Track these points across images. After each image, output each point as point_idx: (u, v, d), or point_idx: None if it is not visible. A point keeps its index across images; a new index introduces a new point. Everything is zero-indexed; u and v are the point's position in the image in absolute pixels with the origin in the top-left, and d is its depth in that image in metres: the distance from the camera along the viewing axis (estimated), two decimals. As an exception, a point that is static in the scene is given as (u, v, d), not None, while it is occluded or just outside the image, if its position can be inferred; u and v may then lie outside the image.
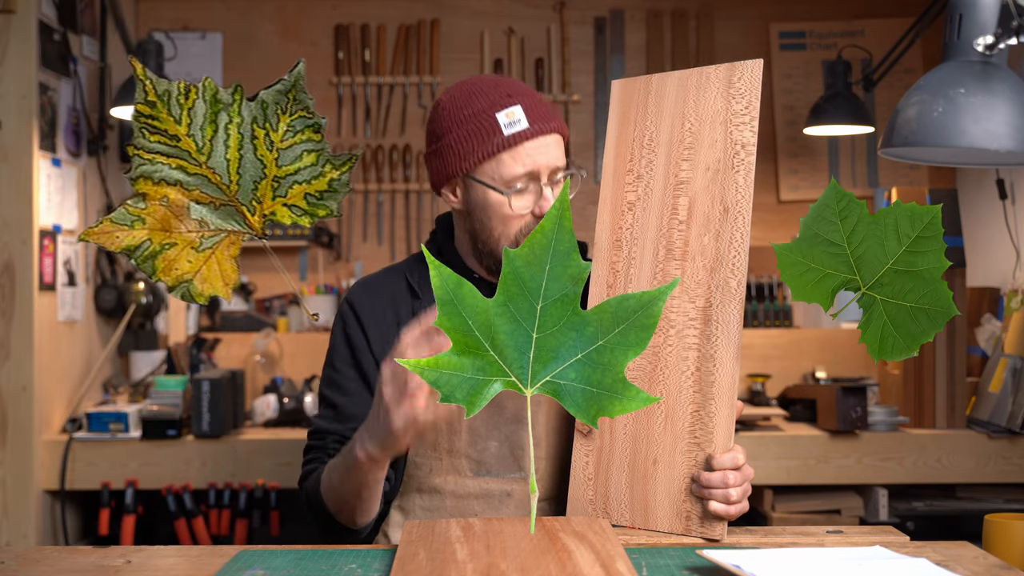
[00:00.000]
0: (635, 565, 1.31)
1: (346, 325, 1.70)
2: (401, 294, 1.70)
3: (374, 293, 1.71)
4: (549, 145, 1.62)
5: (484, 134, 1.61)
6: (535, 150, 1.61)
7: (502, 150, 1.60)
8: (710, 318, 1.50)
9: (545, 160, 1.61)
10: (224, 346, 3.46)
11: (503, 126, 1.61)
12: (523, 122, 1.61)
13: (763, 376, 3.42)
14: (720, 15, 3.75)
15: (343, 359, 1.70)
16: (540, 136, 1.61)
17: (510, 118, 1.61)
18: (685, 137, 1.56)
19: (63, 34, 3.04)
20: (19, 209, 2.87)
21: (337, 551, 1.47)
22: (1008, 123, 1.55)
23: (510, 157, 1.61)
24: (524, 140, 1.60)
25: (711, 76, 1.55)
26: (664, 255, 1.55)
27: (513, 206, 1.61)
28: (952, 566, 1.32)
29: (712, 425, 1.47)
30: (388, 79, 3.72)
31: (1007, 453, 2.80)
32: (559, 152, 1.64)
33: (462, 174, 1.65)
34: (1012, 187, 3.13)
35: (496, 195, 1.62)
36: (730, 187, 1.54)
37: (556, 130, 1.63)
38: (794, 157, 3.74)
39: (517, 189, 1.61)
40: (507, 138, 1.60)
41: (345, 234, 3.71)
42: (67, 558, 1.46)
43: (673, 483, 1.49)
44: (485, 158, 1.61)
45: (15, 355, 2.86)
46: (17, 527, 2.85)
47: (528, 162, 1.61)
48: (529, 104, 1.63)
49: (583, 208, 3.73)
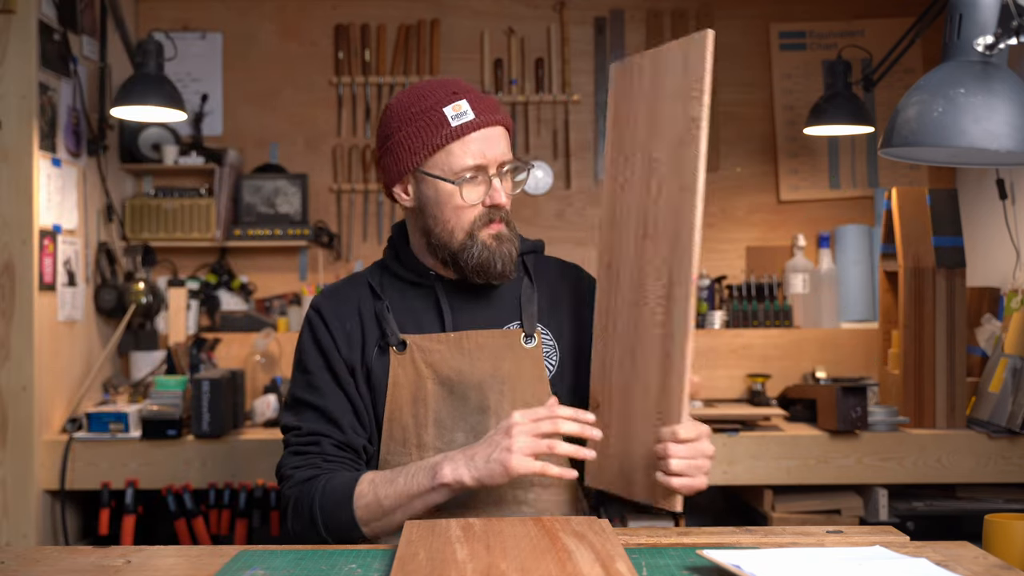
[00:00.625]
0: (635, 565, 1.31)
1: (314, 330, 1.73)
2: (364, 297, 1.74)
3: (338, 300, 1.75)
4: (496, 137, 1.67)
5: (432, 128, 1.65)
6: (483, 141, 1.65)
7: (450, 141, 1.64)
8: (671, 295, 1.53)
9: (493, 152, 1.66)
10: (224, 346, 3.46)
11: (450, 118, 1.65)
12: (469, 114, 1.65)
13: (763, 376, 3.42)
14: (720, 15, 3.75)
15: (316, 363, 1.72)
16: (486, 127, 1.66)
17: (457, 111, 1.65)
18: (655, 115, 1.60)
19: (63, 34, 3.04)
20: (19, 209, 2.87)
21: (337, 551, 1.47)
22: (1008, 123, 1.55)
23: (459, 148, 1.65)
24: (471, 131, 1.64)
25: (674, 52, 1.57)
26: (642, 234, 1.60)
27: (464, 196, 1.65)
28: (952, 566, 1.32)
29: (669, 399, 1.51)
30: (388, 79, 3.72)
31: (1007, 453, 2.80)
32: (506, 145, 1.68)
33: (412, 169, 1.68)
34: (1012, 187, 3.13)
35: (447, 186, 1.65)
36: (686, 163, 1.56)
37: (501, 123, 1.68)
38: (794, 157, 3.74)
39: (467, 179, 1.65)
40: (454, 129, 1.64)
41: (345, 234, 3.71)
42: (67, 558, 1.46)
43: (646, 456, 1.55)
44: (434, 150, 1.65)
45: (15, 355, 2.85)
46: (17, 527, 2.85)
47: (476, 153, 1.64)
48: (474, 98, 1.68)
49: (583, 208, 3.73)
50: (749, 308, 3.53)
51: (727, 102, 3.74)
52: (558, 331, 1.74)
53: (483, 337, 1.69)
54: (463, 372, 1.67)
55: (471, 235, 1.66)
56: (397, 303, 1.73)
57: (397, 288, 1.75)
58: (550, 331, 1.73)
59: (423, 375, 1.67)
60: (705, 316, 3.56)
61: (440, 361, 1.67)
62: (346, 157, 3.72)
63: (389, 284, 1.76)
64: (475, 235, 1.66)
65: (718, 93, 3.73)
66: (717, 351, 3.51)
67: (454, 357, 1.67)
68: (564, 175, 3.72)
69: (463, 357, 1.67)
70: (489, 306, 1.73)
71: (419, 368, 1.67)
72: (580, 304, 1.77)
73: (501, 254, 1.66)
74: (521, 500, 1.66)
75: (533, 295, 1.74)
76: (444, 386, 1.67)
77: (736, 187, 3.74)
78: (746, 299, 3.55)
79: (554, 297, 1.77)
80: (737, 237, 3.74)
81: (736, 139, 3.75)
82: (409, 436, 1.67)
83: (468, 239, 1.66)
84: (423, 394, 1.67)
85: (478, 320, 1.72)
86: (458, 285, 1.73)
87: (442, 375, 1.67)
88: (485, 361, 1.67)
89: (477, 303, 1.73)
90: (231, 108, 3.72)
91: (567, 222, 3.70)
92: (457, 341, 1.68)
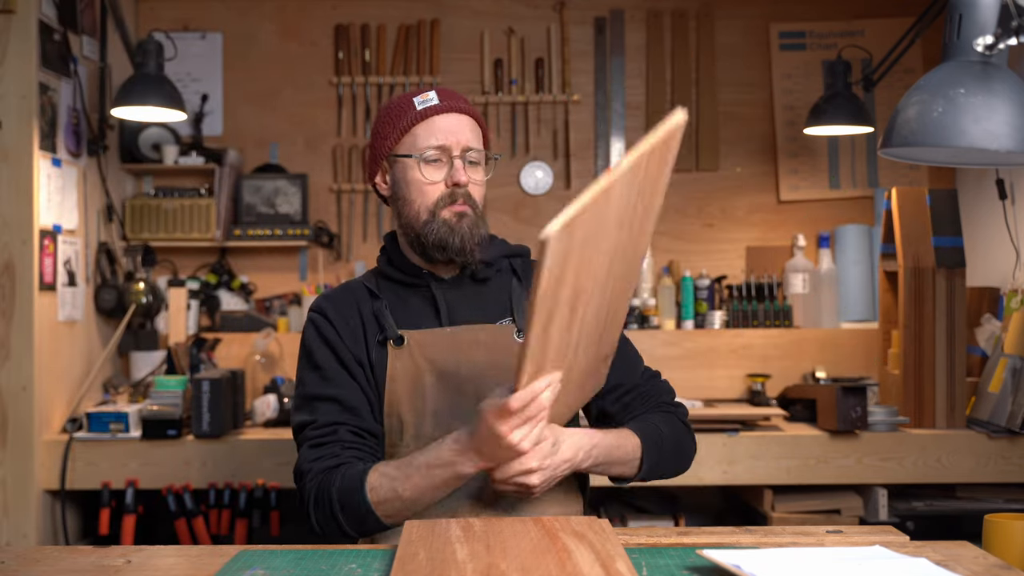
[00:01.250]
0: (635, 565, 1.31)
1: (319, 327, 1.76)
2: (363, 299, 1.78)
3: (338, 300, 1.79)
4: (461, 124, 1.73)
5: (401, 114, 1.75)
6: (446, 125, 1.72)
7: (415, 123, 1.73)
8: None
9: (456, 137, 1.72)
10: (224, 346, 3.46)
11: (416, 104, 1.75)
12: (434, 100, 1.74)
13: (763, 376, 3.42)
14: (720, 15, 3.75)
15: (325, 358, 1.74)
16: (451, 112, 1.73)
17: (424, 99, 1.75)
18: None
19: (63, 34, 3.04)
20: (19, 209, 2.87)
21: (337, 551, 1.47)
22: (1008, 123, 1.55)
23: (423, 129, 1.73)
24: (434, 114, 1.73)
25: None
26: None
27: (425, 173, 1.72)
28: (952, 566, 1.32)
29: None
30: (388, 79, 3.72)
31: (1007, 453, 2.80)
32: (472, 135, 1.74)
33: (385, 155, 1.77)
34: (1012, 187, 3.13)
35: (412, 164, 1.73)
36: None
37: (467, 112, 1.75)
38: (794, 157, 3.74)
39: (430, 158, 1.72)
40: (419, 112, 1.73)
41: (345, 234, 3.71)
42: (67, 558, 1.46)
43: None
44: (402, 134, 1.74)
45: (15, 355, 2.86)
46: (17, 527, 2.85)
47: (439, 135, 1.72)
48: (444, 92, 1.76)
49: (583, 208, 3.73)
50: (749, 308, 3.53)
51: (727, 102, 3.74)
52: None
53: (478, 331, 1.73)
54: (460, 365, 1.70)
55: (433, 213, 1.71)
56: (394, 303, 1.77)
57: (393, 290, 1.79)
58: None
59: (421, 368, 1.70)
60: (705, 316, 3.56)
61: (437, 355, 1.70)
62: (346, 157, 3.72)
63: (385, 287, 1.80)
64: (437, 213, 1.71)
65: (719, 93, 3.73)
66: (717, 351, 3.51)
67: (451, 350, 1.71)
68: (564, 175, 3.72)
69: (460, 350, 1.71)
70: (482, 303, 1.77)
71: (417, 362, 1.70)
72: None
73: (460, 231, 1.71)
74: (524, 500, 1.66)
75: (523, 293, 1.79)
76: (442, 379, 1.70)
77: (736, 187, 3.74)
78: (746, 299, 3.55)
79: None
80: (737, 237, 3.74)
81: (736, 139, 3.75)
82: (408, 428, 1.69)
83: (430, 217, 1.71)
84: (421, 387, 1.69)
85: (472, 316, 1.75)
86: (451, 283, 1.78)
87: (440, 368, 1.70)
88: (482, 354, 1.71)
89: (470, 300, 1.77)
90: (231, 108, 3.72)
91: (567, 222, 3.70)
92: (453, 335, 1.72)
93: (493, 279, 1.81)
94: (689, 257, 3.71)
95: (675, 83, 3.74)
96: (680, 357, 3.51)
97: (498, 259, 1.82)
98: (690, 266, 3.66)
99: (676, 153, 1.44)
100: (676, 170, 4.11)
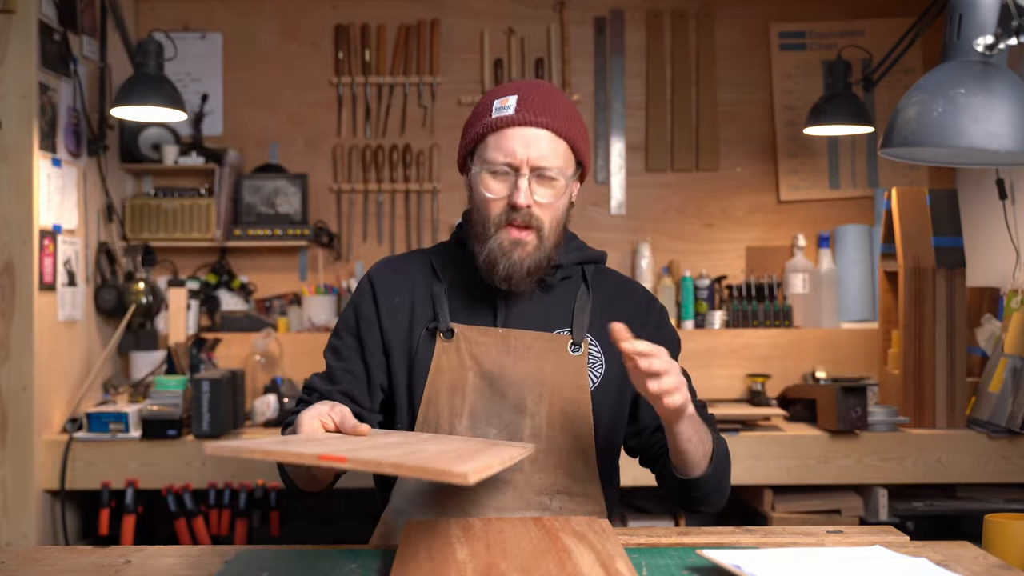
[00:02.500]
0: (635, 565, 1.31)
1: (360, 297, 1.75)
2: (423, 275, 1.74)
3: (395, 271, 1.76)
4: (536, 138, 1.63)
5: (480, 117, 1.68)
6: (518, 139, 1.62)
7: (488, 133, 1.65)
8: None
9: (526, 152, 1.62)
10: (224, 346, 3.46)
11: (494, 110, 1.65)
12: (511, 109, 1.64)
13: (763, 376, 3.42)
14: (720, 15, 3.75)
15: (347, 327, 1.75)
16: (525, 127, 1.62)
17: (503, 104, 1.65)
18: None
19: (63, 34, 3.04)
20: (19, 209, 2.87)
21: (337, 551, 1.47)
22: (1008, 123, 1.55)
23: (494, 140, 1.64)
24: (506, 126, 1.63)
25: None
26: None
27: (489, 186, 1.64)
28: (952, 566, 1.32)
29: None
30: (388, 79, 3.72)
31: (1007, 453, 2.80)
32: (549, 150, 1.63)
33: (464, 154, 1.71)
34: (1012, 187, 3.13)
35: (478, 174, 1.66)
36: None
37: (547, 126, 1.63)
38: (794, 157, 3.74)
39: (495, 172, 1.64)
40: (493, 121, 1.64)
41: (345, 234, 3.71)
42: (67, 558, 1.46)
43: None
44: (476, 139, 1.67)
45: (15, 355, 2.85)
46: (17, 527, 2.85)
47: (508, 148, 1.62)
48: (526, 96, 1.65)
49: (583, 208, 3.73)
50: (749, 308, 3.53)
51: (727, 102, 3.74)
52: (608, 344, 1.68)
53: (530, 338, 1.67)
54: (505, 368, 1.66)
55: (491, 231, 1.65)
56: (455, 288, 1.73)
57: (457, 274, 1.74)
58: (599, 343, 1.70)
59: (466, 365, 1.66)
60: (705, 316, 3.56)
61: (484, 354, 1.67)
62: (346, 157, 3.72)
63: (450, 268, 1.75)
64: (494, 232, 1.64)
65: (719, 93, 3.73)
66: (717, 351, 3.51)
67: (499, 353, 1.67)
68: (564, 175, 3.72)
69: (508, 354, 1.67)
70: (543, 308, 1.71)
71: (463, 358, 1.67)
72: (633, 321, 1.71)
73: (510, 260, 1.63)
74: (545, 507, 1.65)
75: (587, 304, 1.72)
76: (484, 379, 1.66)
77: (736, 187, 3.74)
78: (746, 299, 3.55)
79: (609, 310, 1.73)
80: (737, 237, 3.74)
81: (736, 139, 3.75)
82: (443, 423, 1.66)
83: (488, 233, 1.65)
84: (463, 384, 1.66)
85: (530, 320, 1.70)
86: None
87: (484, 368, 1.66)
88: (529, 362, 1.66)
89: (531, 302, 1.71)
90: (231, 108, 3.72)
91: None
92: (504, 337, 1.67)
93: (560, 286, 1.74)
94: (689, 257, 3.71)
95: (675, 83, 3.73)
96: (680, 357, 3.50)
97: (570, 266, 1.74)
98: (690, 266, 3.66)
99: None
100: (676, 170, 4.11)
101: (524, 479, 1.63)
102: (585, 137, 1.70)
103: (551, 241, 1.67)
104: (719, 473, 1.65)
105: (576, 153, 1.68)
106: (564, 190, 1.66)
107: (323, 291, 3.59)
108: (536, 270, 1.66)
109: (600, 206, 3.74)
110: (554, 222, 1.66)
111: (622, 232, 3.72)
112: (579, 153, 1.68)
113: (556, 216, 1.66)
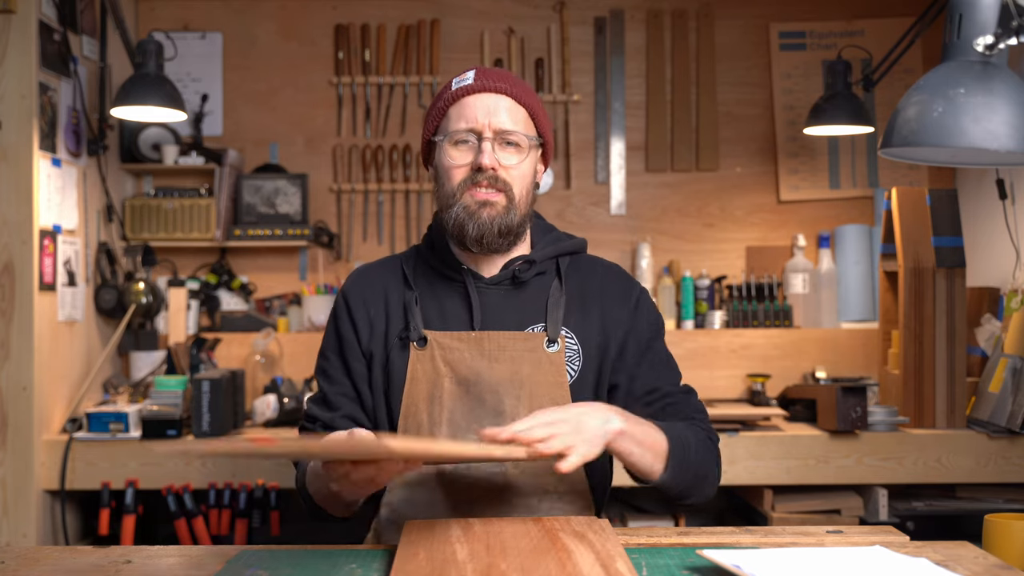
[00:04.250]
0: (635, 565, 1.31)
1: (338, 318, 1.75)
2: (395, 284, 1.74)
3: (367, 283, 1.76)
4: (497, 105, 1.65)
5: (439, 97, 1.70)
6: (479, 105, 1.65)
7: (449, 105, 1.67)
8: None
9: (487, 117, 1.64)
10: (224, 346, 3.46)
11: (453, 84, 1.69)
12: (469, 79, 1.67)
13: (763, 376, 3.42)
14: (720, 15, 3.75)
15: (332, 348, 1.75)
16: (485, 93, 1.65)
17: (461, 78, 1.68)
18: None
19: (63, 34, 3.04)
20: (19, 209, 2.87)
21: (337, 551, 1.47)
22: (1008, 123, 1.55)
23: (455, 111, 1.67)
24: (466, 95, 1.66)
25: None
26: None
27: (452, 155, 1.66)
28: (952, 566, 1.32)
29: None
30: (388, 79, 3.72)
31: (1007, 453, 2.80)
32: (510, 116, 1.65)
33: (427, 138, 1.72)
34: (1012, 187, 3.13)
35: (443, 146, 1.67)
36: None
37: (506, 92, 1.66)
38: (794, 157, 3.74)
39: (458, 139, 1.65)
40: (454, 93, 1.67)
41: (345, 234, 3.71)
42: (67, 558, 1.46)
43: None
44: (439, 117, 1.69)
45: (15, 355, 2.86)
46: (17, 527, 2.85)
47: (469, 116, 1.65)
48: (485, 71, 1.69)
49: (583, 208, 3.73)
50: (749, 308, 3.53)
51: (727, 102, 3.74)
52: (584, 334, 1.69)
53: (505, 339, 1.66)
54: (481, 373, 1.64)
55: (456, 197, 1.65)
56: (427, 294, 1.71)
57: (429, 278, 1.73)
58: (575, 335, 1.69)
59: (441, 373, 1.65)
60: (705, 316, 3.56)
61: (459, 360, 1.65)
62: (346, 157, 3.72)
63: (422, 273, 1.74)
64: (459, 197, 1.65)
65: (719, 93, 3.73)
66: (717, 351, 3.51)
67: (474, 357, 1.65)
68: (564, 175, 3.72)
69: (483, 358, 1.65)
70: (518, 306, 1.70)
71: (437, 366, 1.65)
72: (612, 305, 1.72)
73: (479, 220, 1.63)
74: (534, 508, 1.64)
75: (561, 299, 1.70)
76: (461, 386, 1.64)
77: (736, 187, 3.74)
78: (746, 299, 3.55)
79: (585, 297, 1.72)
80: (737, 237, 3.74)
81: (736, 139, 3.75)
82: (423, 433, 1.65)
83: (454, 200, 1.65)
84: (440, 392, 1.65)
85: (506, 319, 1.68)
86: (491, 283, 1.70)
87: (460, 375, 1.64)
88: (505, 363, 1.65)
89: (506, 301, 1.69)
90: (231, 108, 3.73)
91: (567, 222, 3.70)
92: (478, 341, 1.65)
93: (534, 282, 1.72)
94: (689, 257, 3.71)
95: (675, 83, 3.73)
96: (680, 357, 3.45)
97: (545, 260, 1.72)
98: (690, 266, 3.66)
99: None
100: (676, 170, 4.11)
101: (510, 482, 1.63)
102: (545, 114, 1.72)
103: (522, 209, 1.67)
104: (680, 470, 1.59)
105: (537, 125, 1.69)
106: (527, 155, 1.67)
107: (323, 291, 3.59)
108: (507, 232, 1.65)
109: (600, 206, 3.74)
110: (523, 189, 1.67)
111: (622, 232, 3.72)
112: (540, 125, 1.69)
113: (524, 184, 1.67)
